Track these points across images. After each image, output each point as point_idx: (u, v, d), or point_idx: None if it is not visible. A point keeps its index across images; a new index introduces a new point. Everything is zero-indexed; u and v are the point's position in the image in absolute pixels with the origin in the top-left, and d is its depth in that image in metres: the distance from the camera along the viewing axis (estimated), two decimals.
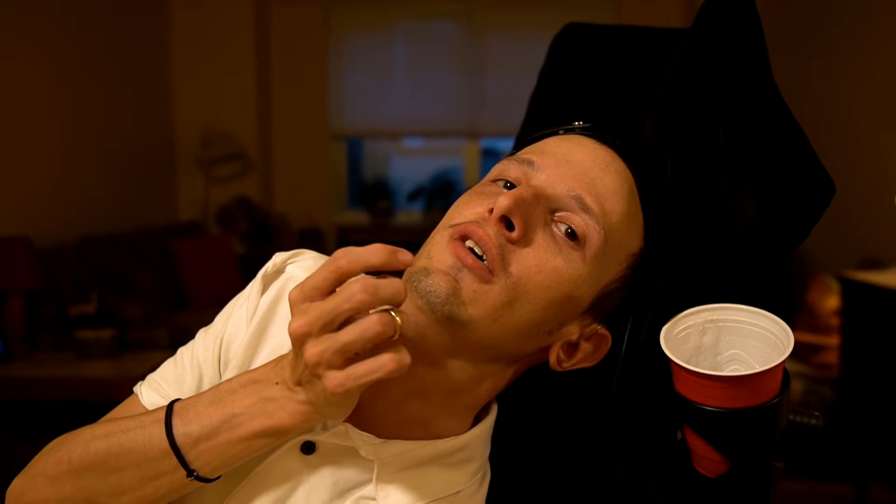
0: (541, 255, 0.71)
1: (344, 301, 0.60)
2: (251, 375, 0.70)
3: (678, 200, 0.79)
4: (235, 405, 0.68)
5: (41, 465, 0.75)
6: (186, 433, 0.68)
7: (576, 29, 0.99)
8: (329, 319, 0.60)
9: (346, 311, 0.60)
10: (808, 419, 0.77)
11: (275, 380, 0.68)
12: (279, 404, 0.67)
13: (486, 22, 5.60)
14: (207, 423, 0.68)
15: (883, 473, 2.86)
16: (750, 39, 0.78)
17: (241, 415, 0.68)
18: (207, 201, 5.45)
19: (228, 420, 0.68)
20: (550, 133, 0.81)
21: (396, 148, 6.15)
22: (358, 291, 0.60)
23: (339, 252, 0.63)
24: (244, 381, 0.69)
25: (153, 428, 0.70)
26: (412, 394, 0.75)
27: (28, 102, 3.84)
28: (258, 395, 0.68)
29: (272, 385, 0.68)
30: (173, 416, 0.69)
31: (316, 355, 0.61)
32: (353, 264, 0.62)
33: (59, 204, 4.03)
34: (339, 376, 0.61)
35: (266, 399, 0.67)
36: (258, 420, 0.67)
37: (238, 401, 0.68)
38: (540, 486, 0.86)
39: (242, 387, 0.69)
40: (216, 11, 5.43)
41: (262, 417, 0.67)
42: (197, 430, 0.68)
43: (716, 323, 0.76)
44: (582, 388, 0.83)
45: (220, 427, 0.68)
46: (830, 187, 0.79)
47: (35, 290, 3.28)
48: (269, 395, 0.67)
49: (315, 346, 0.61)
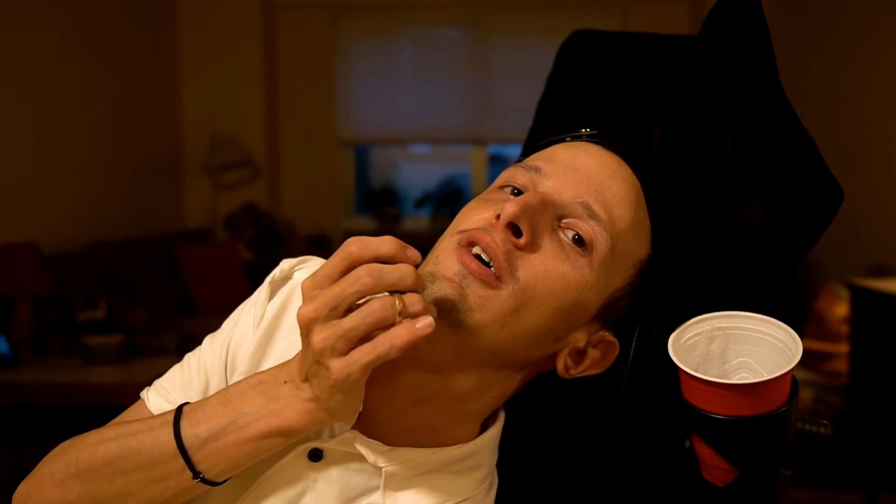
0: (548, 261, 0.71)
1: (349, 285, 0.61)
2: (260, 377, 0.70)
3: (686, 208, 0.79)
4: (243, 406, 0.68)
5: (48, 469, 0.75)
6: (194, 434, 0.69)
7: (583, 36, 0.99)
8: (335, 304, 0.61)
9: (352, 294, 0.61)
10: (816, 427, 0.76)
11: (282, 379, 0.68)
12: (286, 403, 0.67)
13: (493, 29, 5.61)
14: (215, 423, 0.68)
15: (892, 482, 2.84)
16: (757, 46, 0.78)
17: (248, 415, 0.68)
18: (215, 208, 5.46)
19: (236, 420, 0.68)
20: (557, 140, 0.81)
21: (404, 154, 6.16)
22: (363, 275, 0.61)
23: (351, 239, 0.64)
24: (253, 383, 0.70)
25: (161, 430, 0.70)
26: (419, 400, 0.75)
27: (36, 110, 3.86)
28: (266, 395, 0.68)
29: (280, 384, 0.68)
30: (182, 418, 0.70)
31: (321, 341, 0.61)
32: (364, 251, 0.63)
33: (67, 210, 4.04)
34: (341, 362, 0.61)
35: (273, 398, 0.68)
36: (265, 420, 0.67)
37: (246, 401, 0.68)
38: (547, 494, 0.86)
39: (251, 388, 0.69)
40: (224, 18, 5.45)
41: (269, 417, 0.67)
42: (205, 431, 0.68)
43: (724, 331, 0.75)
44: (589, 395, 0.83)
45: (228, 428, 0.68)
46: (839, 195, 0.78)
47: (43, 296, 3.29)
48: (276, 395, 0.68)
49: (320, 332, 0.61)
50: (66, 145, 4.09)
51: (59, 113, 4.04)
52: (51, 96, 3.97)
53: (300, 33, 5.61)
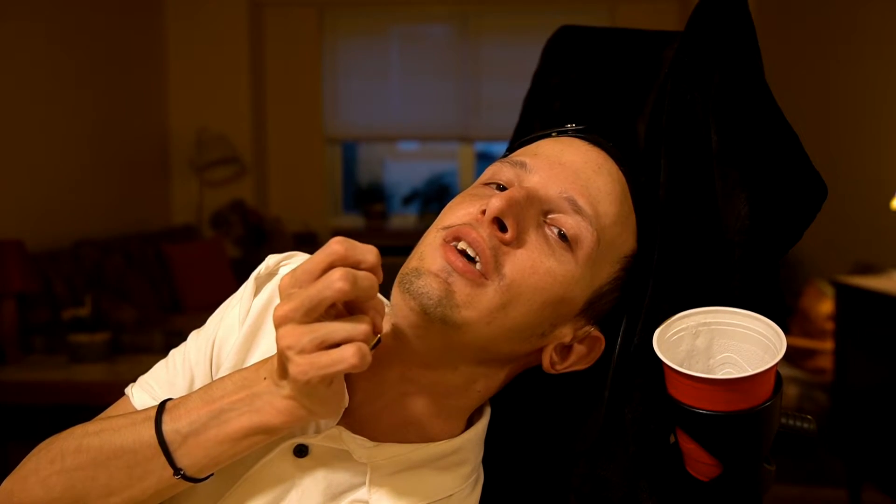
0: (534, 256, 0.71)
1: (325, 287, 0.60)
2: (242, 373, 0.70)
3: (671, 203, 0.79)
4: (224, 401, 0.68)
5: (32, 465, 0.74)
6: (175, 430, 0.68)
7: (569, 31, 0.99)
8: (311, 306, 0.60)
9: (328, 298, 0.60)
10: (800, 423, 0.77)
11: (263, 375, 0.68)
12: (266, 400, 0.67)
13: (480, 26, 5.62)
14: (196, 418, 0.68)
15: (876, 478, 2.87)
16: (743, 42, 0.78)
17: (229, 411, 0.67)
18: (201, 205, 5.44)
19: (217, 416, 0.67)
20: (543, 135, 0.81)
21: (391, 151, 6.16)
22: (338, 279, 0.60)
23: (337, 238, 0.63)
24: (235, 379, 0.69)
25: (143, 426, 0.69)
26: (405, 395, 0.75)
27: (22, 105, 3.83)
28: (247, 390, 0.68)
29: (260, 381, 0.67)
30: (164, 413, 0.69)
31: (288, 337, 0.60)
32: (348, 253, 0.62)
33: (52, 207, 4.02)
34: (302, 362, 0.60)
35: (254, 395, 0.67)
36: (246, 416, 0.67)
37: (227, 397, 0.68)
38: (532, 490, 0.86)
39: (233, 383, 0.69)
40: (210, 15, 5.43)
41: (249, 414, 0.67)
42: (186, 427, 0.68)
43: (709, 326, 0.76)
44: (574, 390, 0.83)
45: (209, 423, 0.68)
46: (823, 190, 0.79)
47: (28, 293, 3.27)
48: (256, 391, 0.67)
49: (291, 329, 0.60)
50: (53, 142, 4.07)
51: (45, 110, 4.01)
52: (37, 94, 3.94)
53: (287, 30, 5.60)
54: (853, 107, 4.01)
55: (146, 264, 4.37)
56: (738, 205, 0.77)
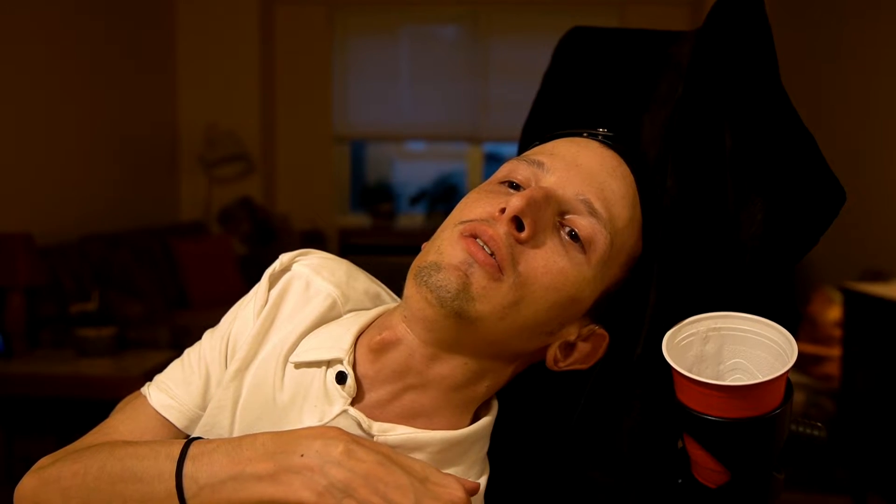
0: (548, 256, 0.71)
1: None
2: (275, 440, 0.70)
3: (679, 206, 0.79)
4: (248, 467, 0.68)
5: (57, 472, 0.75)
6: (194, 478, 0.69)
7: (581, 32, 0.98)
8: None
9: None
10: (811, 430, 0.76)
11: (300, 452, 0.68)
12: (297, 478, 0.67)
13: (490, 27, 5.61)
14: (216, 472, 0.69)
15: (881, 486, 2.85)
16: (759, 43, 0.78)
17: (250, 476, 0.68)
18: (209, 201, 5.45)
19: (236, 477, 0.68)
20: (559, 135, 0.81)
21: (399, 151, 6.15)
22: None
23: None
24: (266, 441, 0.70)
25: (165, 463, 0.70)
26: (414, 387, 0.75)
27: (31, 100, 3.84)
28: (277, 463, 0.68)
29: (296, 457, 0.68)
30: (186, 458, 0.70)
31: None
32: None
33: (61, 201, 4.03)
34: None
35: (284, 469, 0.68)
36: (270, 489, 0.67)
37: (253, 464, 0.68)
38: (536, 484, 0.86)
39: (263, 446, 0.69)
40: (221, 12, 5.44)
41: (274, 486, 0.67)
42: (204, 479, 0.69)
43: (719, 331, 0.75)
44: (572, 389, 0.83)
45: (227, 482, 0.68)
46: (841, 195, 0.78)
47: (36, 287, 3.28)
48: (287, 466, 0.68)
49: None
50: (62, 137, 4.08)
51: (55, 105, 4.02)
52: (47, 88, 3.95)
53: (297, 28, 5.60)
54: (865, 112, 4.00)
55: (154, 260, 4.38)
56: (752, 210, 0.77)
